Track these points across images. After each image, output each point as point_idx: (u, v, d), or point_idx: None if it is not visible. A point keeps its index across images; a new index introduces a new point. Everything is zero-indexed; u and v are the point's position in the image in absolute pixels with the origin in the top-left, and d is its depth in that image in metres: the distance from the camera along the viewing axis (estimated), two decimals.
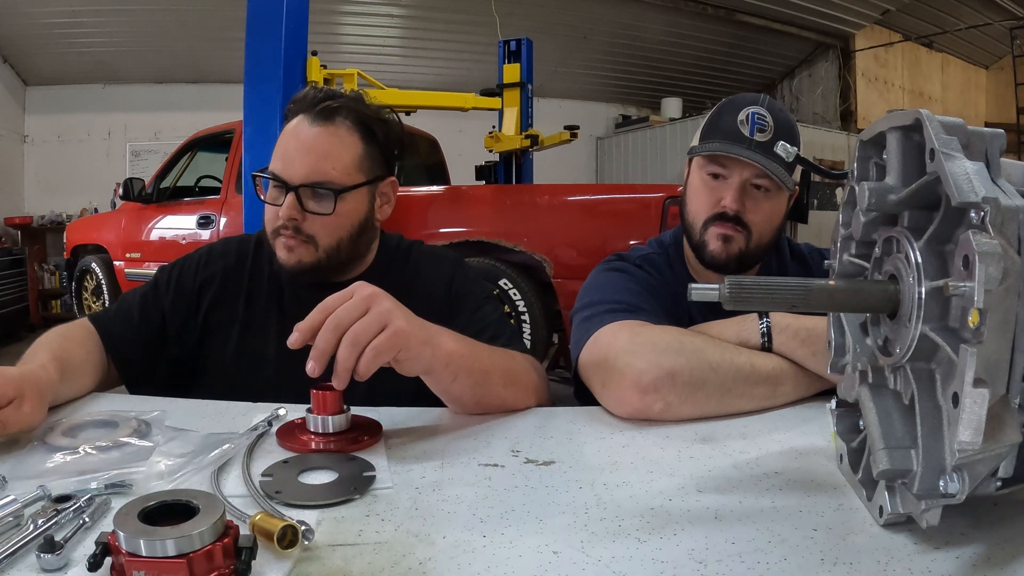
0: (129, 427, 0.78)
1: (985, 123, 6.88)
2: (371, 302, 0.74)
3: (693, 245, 1.15)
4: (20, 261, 6.74)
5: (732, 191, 1.09)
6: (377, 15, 7.14)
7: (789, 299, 0.57)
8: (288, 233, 1.05)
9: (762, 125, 1.08)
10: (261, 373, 1.07)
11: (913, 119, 0.54)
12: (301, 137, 1.05)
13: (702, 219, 1.12)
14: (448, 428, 0.84)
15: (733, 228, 1.09)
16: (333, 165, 1.05)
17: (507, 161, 4.64)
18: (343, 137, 1.06)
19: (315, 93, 1.08)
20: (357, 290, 0.75)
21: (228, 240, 1.21)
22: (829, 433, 0.71)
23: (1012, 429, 0.47)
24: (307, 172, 1.04)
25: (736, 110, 1.10)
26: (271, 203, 1.07)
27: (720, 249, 1.10)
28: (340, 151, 1.06)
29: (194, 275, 1.14)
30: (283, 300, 1.13)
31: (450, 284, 1.15)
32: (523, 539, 0.56)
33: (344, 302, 0.74)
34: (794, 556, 0.53)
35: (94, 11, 6.37)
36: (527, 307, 3.37)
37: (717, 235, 1.10)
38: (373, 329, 0.72)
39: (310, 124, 1.05)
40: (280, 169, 1.05)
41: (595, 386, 0.92)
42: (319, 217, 1.05)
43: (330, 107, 1.06)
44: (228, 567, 0.48)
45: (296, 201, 1.03)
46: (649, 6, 7.37)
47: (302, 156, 1.04)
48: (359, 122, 1.08)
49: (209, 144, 4.67)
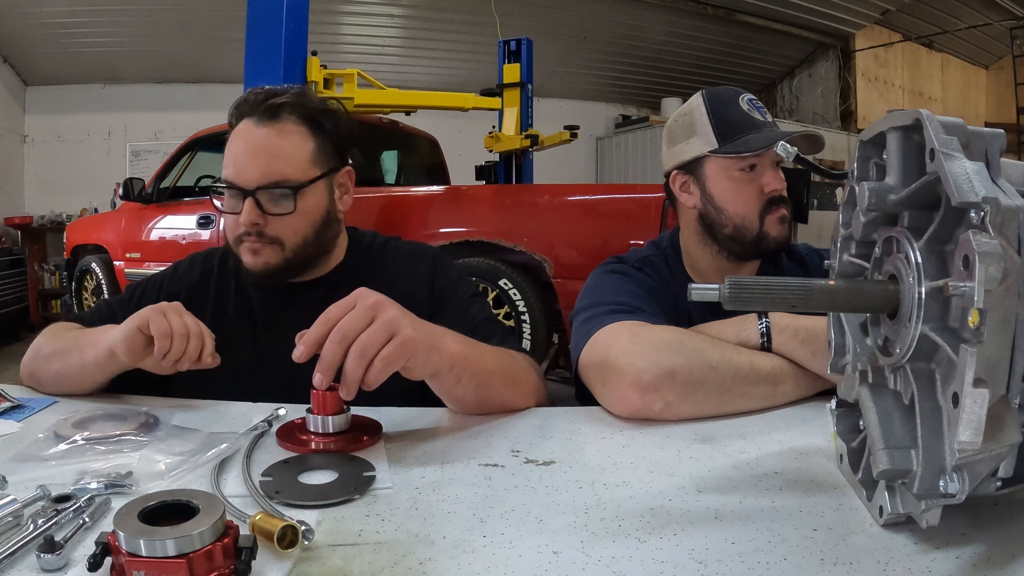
0: (137, 421, 0.79)
1: (985, 123, 6.88)
2: (376, 311, 0.73)
3: (745, 243, 1.12)
4: (20, 261, 6.74)
5: (772, 174, 1.10)
6: (377, 15, 7.13)
7: (789, 299, 0.57)
8: (251, 239, 1.04)
9: (761, 108, 1.11)
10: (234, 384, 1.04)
11: (913, 119, 0.54)
12: (249, 140, 1.03)
13: (755, 213, 1.11)
14: (448, 428, 0.84)
15: (785, 207, 1.11)
16: (287, 163, 1.03)
17: (507, 161, 4.64)
18: (292, 133, 1.04)
19: (255, 94, 1.06)
20: (360, 299, 0.74)
21: (194, 256, 1.21)
22: (829, 433, 0.72)
23: (1012, 429, 0.47)
24: (261, 174, 1.02)
25: (735, 103, 1.11)
26: (230, 212, 1.05)
27: (782, 232, 1.11)
28: (291, 148, 1.04)
29: (157, 293, 1.13)
30: (252, 309, 1.12)
31: (432, 282, 1.14)
32: (523, 539, 0.56)
33: (347, 312, 0.72)
34: (794, 556, 0.53)
35: (94, 11, 6.36)
36: (527, 307, 3.37)
37: (776, 219, 1.11)
38: (380, 339, 0.71)
39: (256, 125, 1.04)
40: (233, 175, 1.03)
41: (595, 386, 0.92)
42: (281, 218, 1.03)
43: (273, 105, 1.04)
44: (228, 567, 0.48)
45: (255, 205, 1.01)
46: (649, 6, 7.37)
47: (253, 159, 1.02)
48: (305, 116, 1.06)
49: (209, 144, 4.66)
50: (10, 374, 4.75)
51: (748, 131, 1.09)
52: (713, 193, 1.14)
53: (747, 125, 1.09)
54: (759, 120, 1.10)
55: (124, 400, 0.96)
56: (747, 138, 1.09)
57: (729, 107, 1.11)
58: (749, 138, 1.08)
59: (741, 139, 1.09)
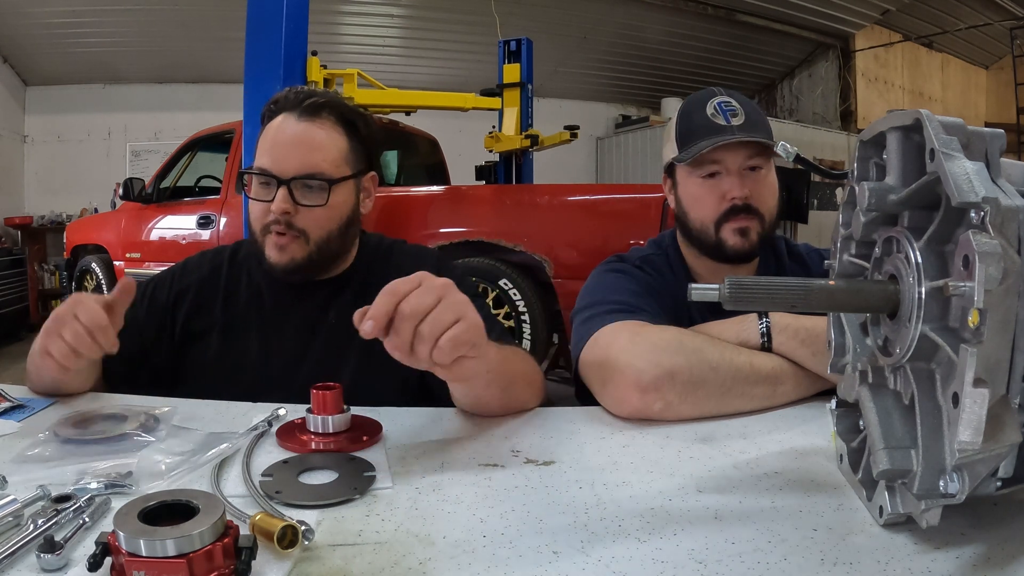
0: (137, 421, 0.79)
1: (985, 123, 6.87)
2: (444, 291, 0.68)
3: (708, 249, 1.13)
4: (20, 261, 6.73)
5: (734, 181, 1.08)
6: (377, 15, 7.13)
7: (789, 299, 0.57)
8: (280, 228, 1.05)
9: (732, 111, 1.09)
10: (243, 377, 1.07)
11: (913, 119, 0.54)
12: (289, 132, 1.07)
13: (712, 221, 1.10)
14: (448, 428, 0.84)
15: (746, 218, 1.09)
16: (323, 157, 1.06)
17: (507, 161, 4.64)
18: (330, 131, 1.08)
19: (296, 93, 1.09)
20: (425, 278, 0.69)
21: (204, 253, 1.23)
22: (829, 433, 0.72)
23: (1012, 429, 0.47)
24: (299, 164, 1.04)
25: (701, 108, 1.10)
26: (260, 199, 1.07)
27: (740, 243, 1.09)
28: (329, 144, 1.07)
29: (168, 289, 1.15)
30: (263, 304, 1.14)
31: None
32: (523, 539, 0.56)
33: (414, 288, 0.67)
34: (794, 556, 0.53)
35: (94, 11, 6.36)
36: (527, 307, 3.37)
37: (733, 230, 1.09)
38: (448, 319, 0.67)
39: (297, 120, 1.07)
40: (269, 164, 1.05)
41: (595, 386, 0.92)
42: (311, 210, 1.05)
43: (316, 103, 1.08)
44: (228, 567, 0.48)
45: (288, 195, 1.04)
46: (649, 6, 7.37)
47: (292, 149, 1.05)
48: (342, 118, 1.10)
49: (209, 144, 4.66)
50: (10, 374, 4.75)
51: (704, 137, 1.08)
52: (681, 198, 1.16)
53: (705, 131, 1.08)
54: (720, 125, 1.07)
55: (124, 400, 0.96)
56: (699, 144, 1.08)
57: (694, 113, 1.11)
58: (700, 144, 1.08)
59: (694, 145, 1.09)
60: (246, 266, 1.17)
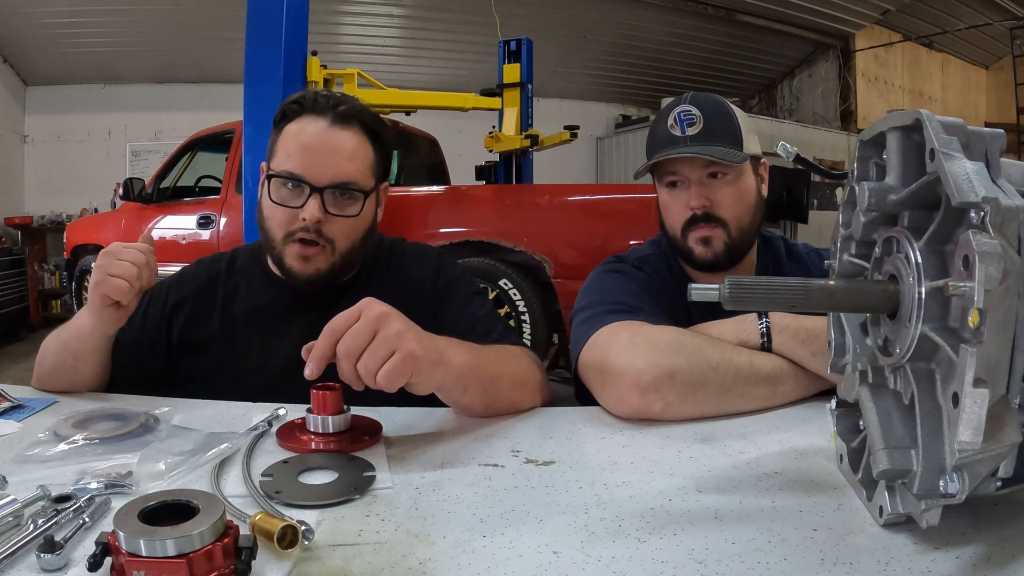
0: (137, 421, 0.79)
1: (985, 123, 6.87)
2: (379, 324, 0.73)
3: (682, 256, 1.15)
4: (20, 261, 6.74)
5: (692, 190, 1.10)
6: (377, 15, 7.14)
7: (789, 299, 0.57)
8: (309, 236, 1.02)
9: (691, 120, 1.09)
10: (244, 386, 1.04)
11: (913, 119, 0.54)
12: (324, 138, 1.03)
13: (679, 229, 1.12)
14: (448, 428, 0.84)
15: (708, 227, 1.10)
16: (357, 167, 1.04)
17: (507, 161, 4.63)
18: (361, 141, 1.06)
19: (323, 96, 1.07)
20: (365, 310, 0.73)
21: (200, 261, 1.21)
22: (829, 433, 0.72)
23: (1012, 429, 0.47)
24: (334, 173, 1.02)
25: (665, 117, 1.12)
26: (286, 205, 1.03)
27: (704, 251, 1.11)
28: (362, 154, 1.06)
29: (165, 298, 1.13)
30: (264, 312, 1.12)
31: (436, 277, 1.15)
32: (523, 539, 0.56)
33: (351, 324, 0.72)
34: (794, 556, 0.53)
35: (94, 11, 6.36)
36: (527, 307, 3.37)
37: (696, 239, 1.11)
38: (382, 355, 0.72)
39: (330, 126, 1.04)
40: (301, 169, 1.02)
41: (595, 386, 0.92)
42: (339, 220, 1.03)
43: (348, 111, 1.06)
44: (228, 567, 0.48)
45: (321, 203, 1.02)
46: (649, 6, 7.37)
47: (328, 157, 1.03)
48: (370, 128, 1.08)
49: (209, 144, 4.66)
50: (10, 374, 4.74)
51: (660, 148, 1.10)
52: (659, 205, 1.18)
53: (666, 141, 1.10)
54: (675, 136, 1.09)
55: (124, 400, 0.96)
56: (654, 155, 1.11)
57: (659, 122, 1.13)
58: (654, 155, 1.11)
59: (654, 155, 1.11)
60: (245, 274, 1.15)
